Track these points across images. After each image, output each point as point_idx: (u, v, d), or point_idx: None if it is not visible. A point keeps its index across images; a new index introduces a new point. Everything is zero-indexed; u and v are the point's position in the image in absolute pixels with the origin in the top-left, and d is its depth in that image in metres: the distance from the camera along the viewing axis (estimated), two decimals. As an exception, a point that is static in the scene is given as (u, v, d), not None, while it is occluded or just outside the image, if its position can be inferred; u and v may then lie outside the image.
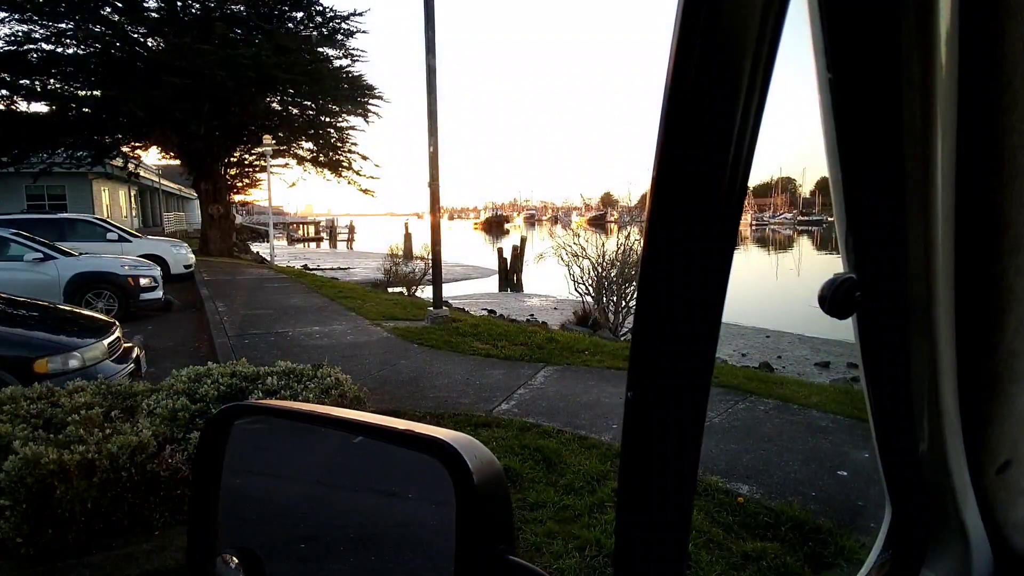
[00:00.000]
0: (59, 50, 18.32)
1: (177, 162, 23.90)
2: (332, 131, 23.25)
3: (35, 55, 18.08)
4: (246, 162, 26.98)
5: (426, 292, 15.95)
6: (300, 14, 20.80)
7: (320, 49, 21.25)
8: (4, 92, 18.33)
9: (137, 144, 22.81)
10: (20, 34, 17.64)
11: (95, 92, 19.19)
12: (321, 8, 20.78)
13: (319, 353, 7.15)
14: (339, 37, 21.35)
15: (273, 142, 21.05)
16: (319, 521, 0.72)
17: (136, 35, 19.02)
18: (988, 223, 0.48)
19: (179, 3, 18.96)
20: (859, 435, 4.82)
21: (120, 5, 18.37)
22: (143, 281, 10.83)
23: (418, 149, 10.37)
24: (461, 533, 0.53)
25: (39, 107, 19.16)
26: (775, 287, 23.90)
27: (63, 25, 17.94)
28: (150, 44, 19.28)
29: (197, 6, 19.25)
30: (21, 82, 18.26)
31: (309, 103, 22.05)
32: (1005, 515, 0.59)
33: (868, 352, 0.56)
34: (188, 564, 0.74)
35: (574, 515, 3.39)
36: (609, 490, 3.64)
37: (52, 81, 18.78)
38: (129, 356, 5.64)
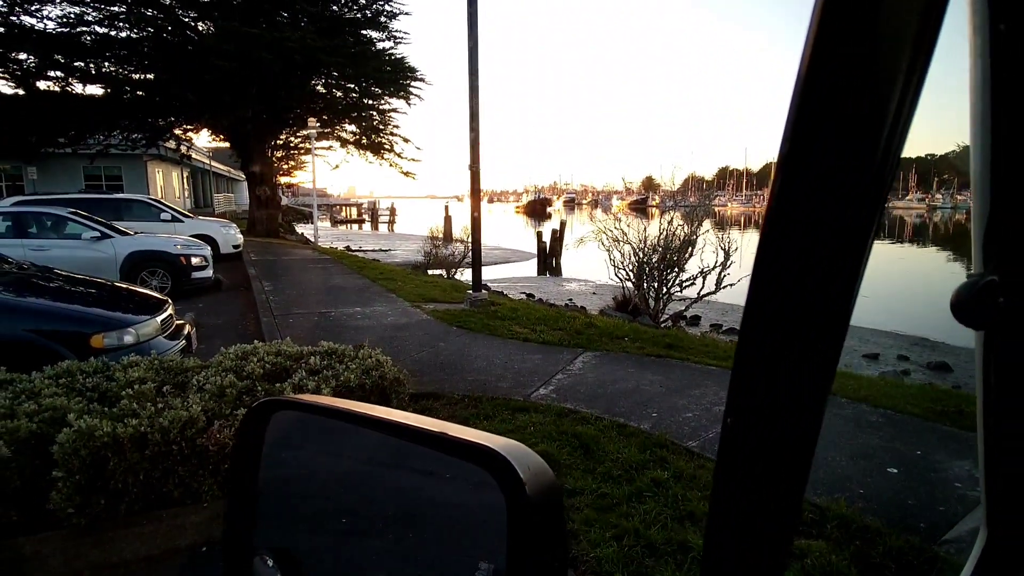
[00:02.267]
0: (112, 33, 18.85)
1: (227, 145, 24.49)
2: (375, 114, 23.45)
3: (88, 38, 18.58)
4: (291, 145, 27.51)
5: (465, 275, 16.05)
6: (344, -4, 20.94)
7: (363, 32, 21.38)
8: (59, 73, 18.94)
9: (189, 127, 23.45)
10: (72, 16, 18.16)
11: (148, 75, 19.73)
12: (364, -10, 20.88)
13: (360, 334, 7.26)
14: (382, 19, 21.45)
15: (318, 125, 21.39)
16: (363, 524, 0.69)
17: (187, 19, 19.45)
18: None
19: (228, -14, 19.30)
20: (910, 431, 4.64)
21: (171, -11, 18.80)
22: (194, 260, 11.15)
23: (459, 132, 10.31)
24: (513, 551, 0.49)
25: (95, 89, 19.84)
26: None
27: (115, 8, 18.43)
28: (200, 28, 19.69)
29: (245, -10, 19.55)
30: (75, 64, 18.82)
31: (352, 86, 22.23)
32: None
33: (996, 366, 0.50)
34: (224, 564, 0.71)
35: (612, 503, 3.36)
36: (648, 480, 3.60)
37: (106, 64, 19.34)
38: (181, 333, 5.80)
